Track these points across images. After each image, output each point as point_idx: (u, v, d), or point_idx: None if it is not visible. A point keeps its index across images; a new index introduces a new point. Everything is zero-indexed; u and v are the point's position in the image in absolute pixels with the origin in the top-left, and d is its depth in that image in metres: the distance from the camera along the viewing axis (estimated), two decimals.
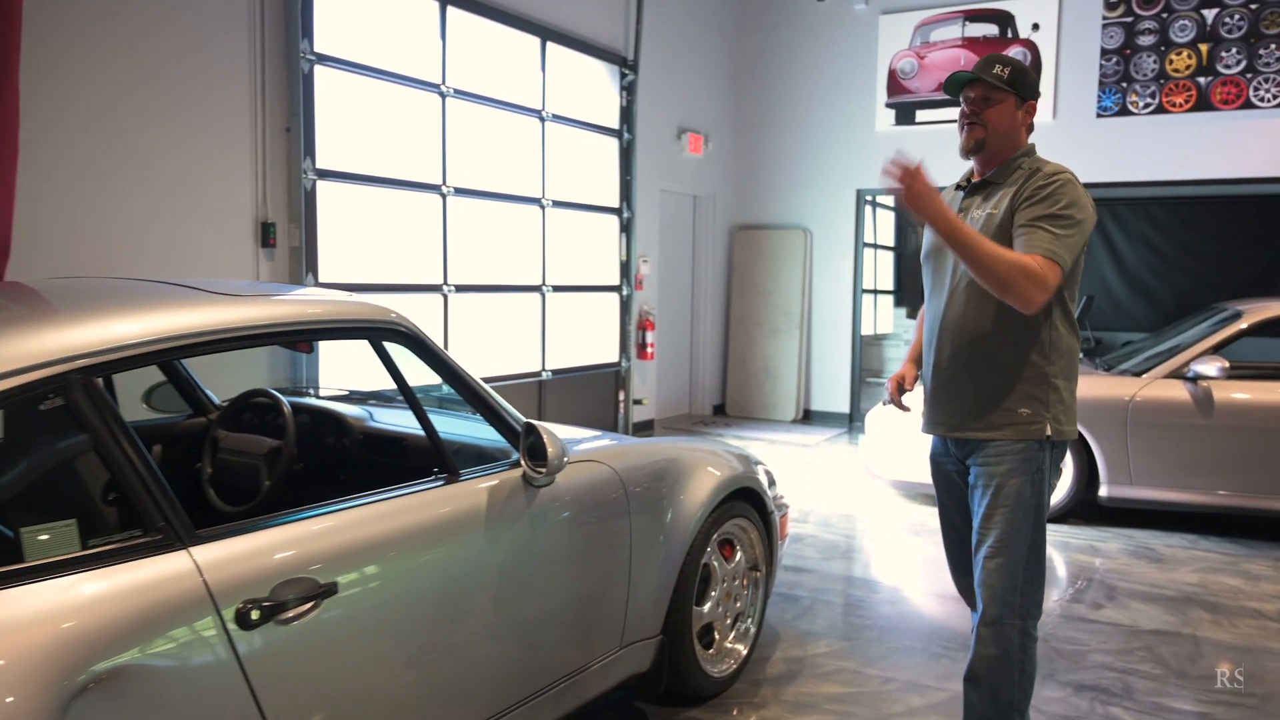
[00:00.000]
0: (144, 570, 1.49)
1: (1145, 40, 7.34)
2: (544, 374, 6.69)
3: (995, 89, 2.31)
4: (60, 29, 3.98)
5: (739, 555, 3.06)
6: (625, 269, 7.53)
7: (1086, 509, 5.39)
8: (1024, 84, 2.34)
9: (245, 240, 4.74)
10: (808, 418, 8.84)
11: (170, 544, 1.54)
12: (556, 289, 6.81)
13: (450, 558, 1.97)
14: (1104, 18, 7.46)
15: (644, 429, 7.96)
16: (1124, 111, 7.44)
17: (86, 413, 1.52)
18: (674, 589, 2.66)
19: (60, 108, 3.99)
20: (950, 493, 2.54)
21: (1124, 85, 7.42)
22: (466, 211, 6.00)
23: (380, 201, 5.40)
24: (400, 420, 2.76)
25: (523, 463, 2.16)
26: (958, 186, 2.48)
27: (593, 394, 7.32)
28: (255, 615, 1.57)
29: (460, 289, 5.96)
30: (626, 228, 7.51)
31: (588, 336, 7.21)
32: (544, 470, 2.11)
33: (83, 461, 1.61)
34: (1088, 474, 5.19)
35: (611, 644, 2.48)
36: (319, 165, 5.00)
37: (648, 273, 7.88)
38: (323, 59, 5.00)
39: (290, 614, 1.62)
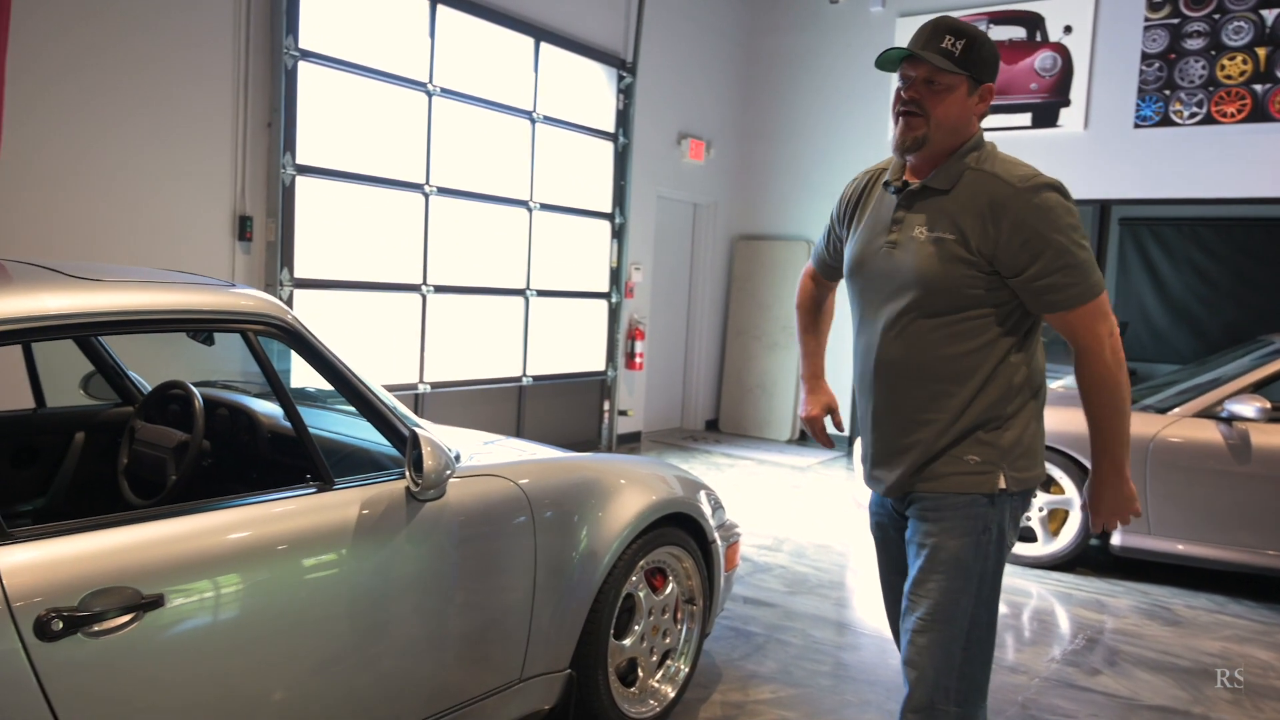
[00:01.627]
0: None
1: (1193, 44, 6.67)
2: (524, 379, 6.59)
3: (943, 72, 1.84)
4: (46, 19, 3.94)
5: (671, 586, 2.88)
6: (615, 276, 7.42)
7: (1096, 557, 5.00)
8: (981, 62, 1.85)
9: (223, 233, 4.68)
10: (804, 438, 8.65)
11: None
12: (541, 293, 6.71)
13: (310, 574, 1.84)
14: (1146, 19, 6.86)
15: (630, 441, 7.83)
16: (1166, 121, 6.80)
17: None
18: (587, 620, 2.50)
19: (43, 96, 3.96)
20: (888, 550, 2.18)
21: (1166, 93, 6.78)
22: (450, 212, 5.91)
23: (361, 199, 5.33)
24: (313, 421, 2.66)
25: (408, 474, 2.04)
26: (886, 184, 2.01)
27: (576, 402, 7.20)
28: (58, 626, 1.46)
29: (440, 290, 5.87)
30: (618, 234, 7.40)
31: (573, 344, 7.10)
32: (420, 483, 1.99)
33: None
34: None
35: (510, 675, 2.34)
36: (299, 160, 4.94)
37: (640, 280, 7.75)
38: (307, 55, 4.94)
39: (101, 626, 1.51)
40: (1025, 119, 7.47)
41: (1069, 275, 1.81)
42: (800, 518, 5.81)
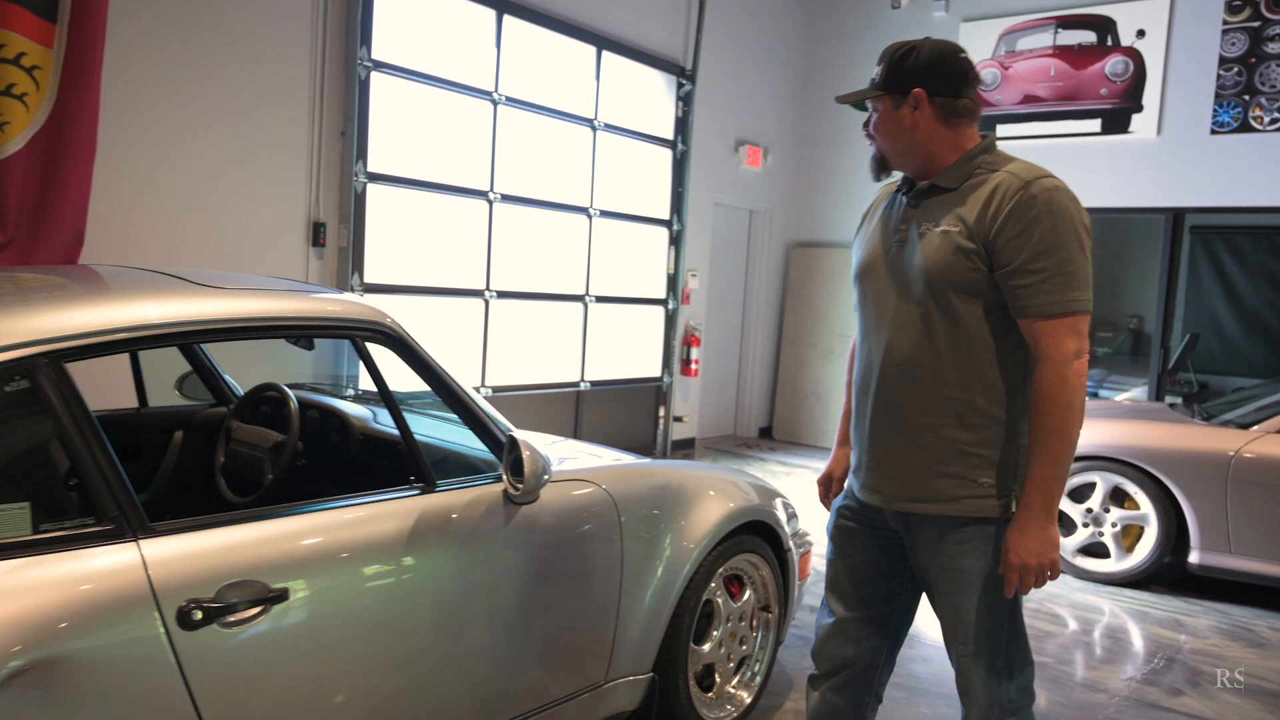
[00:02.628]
0: (89, 560, 1.47)
1: (1274, 48, 6.47)
2: (582, 385, 6.66)
3: (870, 100, 1.93)
4: (141, 26, 4.11)
5: (748, 594, 2.91)
6: (672, 282, 7.46)
7: (1172, 575, 4.85)
8: (902, 74, 1.87)
9: (297, 238, 4.82)
10: None
11: (120, 535, 1.52)
12: (600, 299, 6.78)
13: (414, 572, 1.91)
14: (1225, 22, 6.66)
15: (685, 447, 7.86)
16: (1245, 127, 6.60)
17: (50, 397, 1.52)
18: (669, 624, 2.53)
19: (134, 106, 4.14)
20: (850, 557, 2.06)
21: (1246, 98, 6.57)
22: (513, 218, 6.01)
23: (428, 206, 5.44)
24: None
25: (505, 477, 2.10)
26: (898, 189, 2.02)
27: (632, 408, 7.25)
28: (198, 616, 1.53)
29: (502, 295, 5.96)
30: (676, 240, 7.44)
31: (630, 349, 7.16)
32: (521, 486, 2.05)
33: (54, 447, 1.61)
34: (1175, 536, 4.58)
35: (596, 677, 2.39)
36: (370, 168, 5.06)
37: (696, 287, 7.79)
38: (379, 65, 5.06)
39: (235, 618, 1.58)
40: (1095, 125, 7.32)
41: (1054, 281, 1.74)
42: None
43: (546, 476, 2.10)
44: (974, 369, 1.84)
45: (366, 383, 2.97)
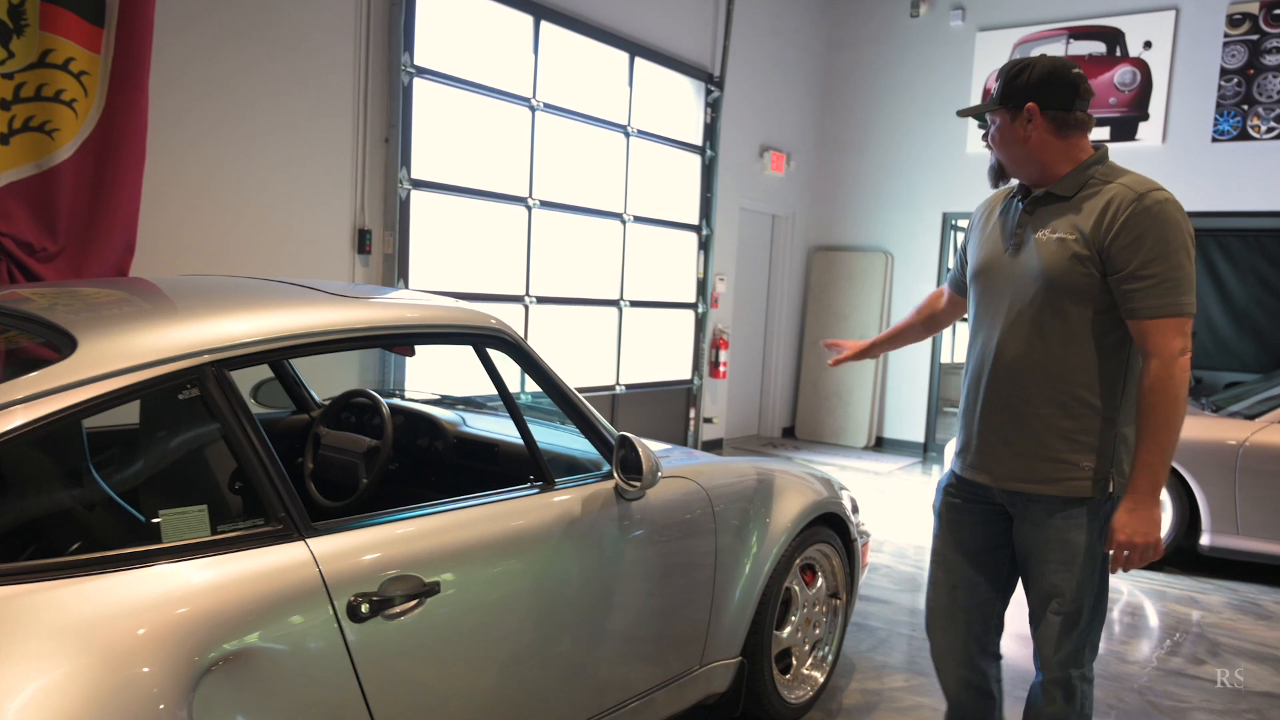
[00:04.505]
0: (266, 558, 1.55)
1: (1272, 60, 6.87)
2: (618, 388, 6.74)
3: (990, 111, 2.10)
4: (193, 39, 4.18)
5: (820, 581, 3.03)
6: (702, 286, 7.55)
7: (1184, 557, 5.14)
8: (1015, 90, 2.03)
9: (343, 246, 4.89)
10: (880, 445, 8.71)
11: (290, 534, 1.60)
12: (634, 304, 6.86)
13: (543, 565, 1.99)
14: (1226, 35, 7.02)
15: (712, 447, 7.94)
16: (1244, 136, 7.01)
17: (219, 404, 1.59)
18: (755, 612, 2.65)
19: (185, 118, 4.20)
20: (959, 531, 2.25)
21: (1245, 108, 6.99)
22: (550, 224, 6.09)
23: (469, 212, 5.52)
24: (492, 426, 2.82)
25: (615, 475, 2.18)
26: (1013, 195, 2.18)
27: (664, 410, 7.34)
28: (365, 609, 1.61)
29: (541, 300, 6.05)
30: (705, 245, 7.53)
31: (662, 352, 7.24)
32: (638, 484, 2.13)
33: (212, 451, 1.68)
34: (1188, 519, 4.93)
35: (691, 663, 2.48)
36: (414, 175, 5.14)
37: (724, 291, 7.88)
38: (421, 72, 5.14)
39: (397, 609, 1.66)
40: (1104, 133, 7.56)
41: (1165, 286, 1.89)
42: (892, 520, 5.92)
43: (660, 474, 2.18)
44: (1080, 365, 2.01)
45: (443, 389, 3.04)
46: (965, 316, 2.34)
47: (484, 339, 2.07)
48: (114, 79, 3.70)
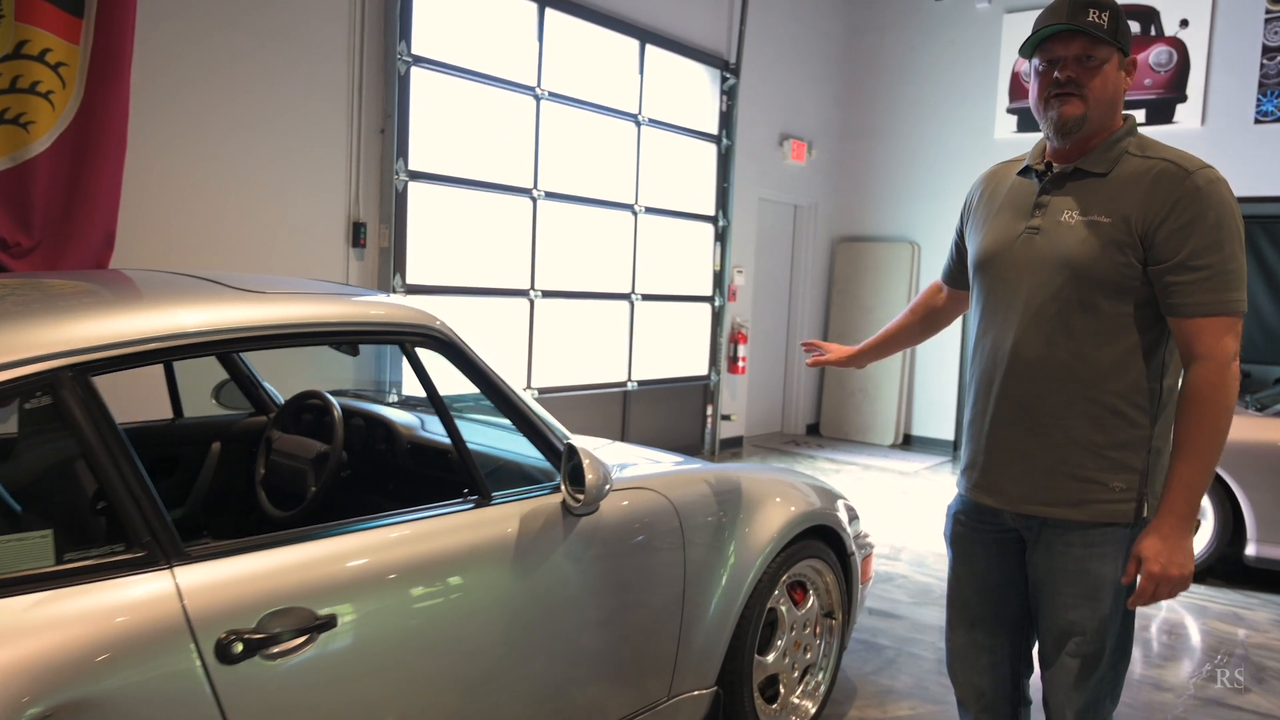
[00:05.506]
0: (119, 591, 1.35)
1: None
2: (629, 384, 6.52)
3: (1099, 43, 1.69)
4: (177, 26, 4.04)
5: (811, 600, 2.78)
6: (719, 279, 7.30)
7: (1229, 568, 4.74)
8: (1126, 33, 1.74)
9: (337, 239, 4.74)
10: (908, 443, 8.39)
11: (153, 562, 1.40)
12: (646, 297, 6.64)
13: (471, 591, 1.78)
14: (1267, 11, 6.68)
15: (732, 446, 7.70)
16: None
17: (75, 413, 1.40)
18: (733, 635, 2.41)
19: (172, 107, 4.07)
20: (972, 564, 1.96)
21: None
22: (557, 216, 5.89)
23: (470, 204, 5.34)
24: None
25: (563, 488, 1.97)
26: (1027, 170, 1.87)
27: (679, 407, 7.11)
28: (238, 648, 1.41)
29: (547, 294, 5.85)
30: (721, 236, 7.27)
31: (676, 348, 7.01)
32: (581, 498, 1.91)
33: (79, 467, 1.49)
34: (1232, 527, 4.56)
35: (658, 695, 2.25)
36: (411, 166, 4.97)
37: (742, 284, 7.62)
38: (419, 60, 4.97)
39: (279, 649, 1.46)
40: (1140, 115, 7.19)
41: (1218, 280, 1.63)
42: (914, 525, 5.62)
43: (608, 486, 1.97)
44: (1112, 368, 1.72)
45: (411, 388, 2.85)
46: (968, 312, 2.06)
47: (411, 337, 1.86)
48: (93, 70, 3.60)
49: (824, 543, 2.77)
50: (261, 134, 4.39)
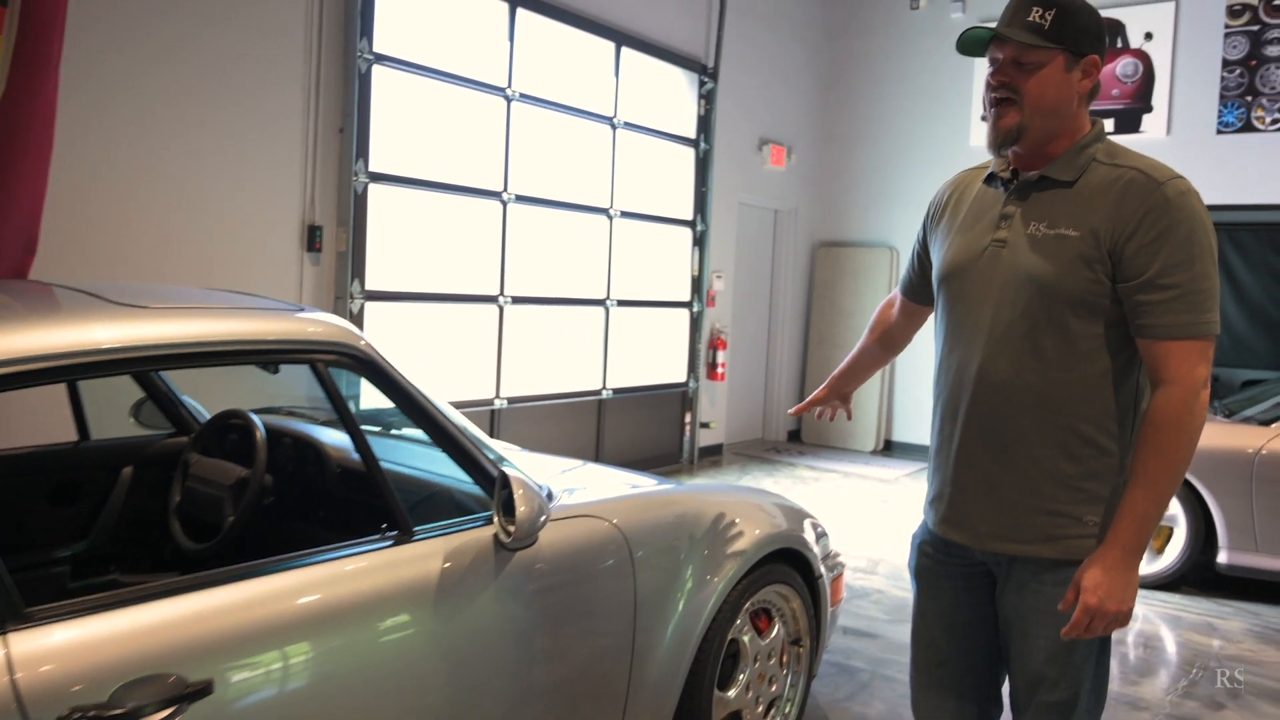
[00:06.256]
0: None
1: (1274, 50, 6.70)
2: (604, 392, 6.36)
3: (1031, 48, 1.56)
4: (108, 26, 3.85)
5: (777, 628, 2.62)
6: (697, 284, 7.15)
7: (1202, 576, 4.69)
8: (1078, 31, 1.57)
9: (290, 243, 4.56)
10: (889, 449, 8.28)
11: None
12: (622, 303, 6.48)
13: (385, 639, 1.61)
14: (1226, 26, 6.82)
15: (712, 454, 7.55)
16: (1248, 127, 6.81)
17: None
18: (690, 670, 2.25)
19: (108, 104, 3.87)
20: (939, 599, 1.81)
21: (1248, 99, 6.79)
22: (528, 220, 5.72)
23: (436, 207, 5.17)
24: (389, 453, 2.45)
25: (496, 520, 1.80)
26: (992, 177, 1.72)
27: (657, 415, 6.94)
28: None
29: (518, 300, 5.68)
30: (700, 241, 7.13)
31: (654, 354, 6.85)
32: (512, 532, 1.75)
33: None
34: (1204, 535, 4.51)
35: None
36: (372, 168, 4.80)
37: (721, 289, 7.47)
38: (381, 59, 4.80)
39: None
40: (1108, 125, 7.14)
41: (1189, 299, 1.51)
42: (893, 535, 5.49)
43: (543, 518, 1.80)
44: (1084, 393, 1.60)
45: (358, 404, 2.67)
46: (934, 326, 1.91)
47: (323, 356, 1.69)
48: (16, 62, 3.38)
49: (790, 566, 2.62)
50: (209, 132, 4.20)
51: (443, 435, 1.85)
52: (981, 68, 7.58)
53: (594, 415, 6.37)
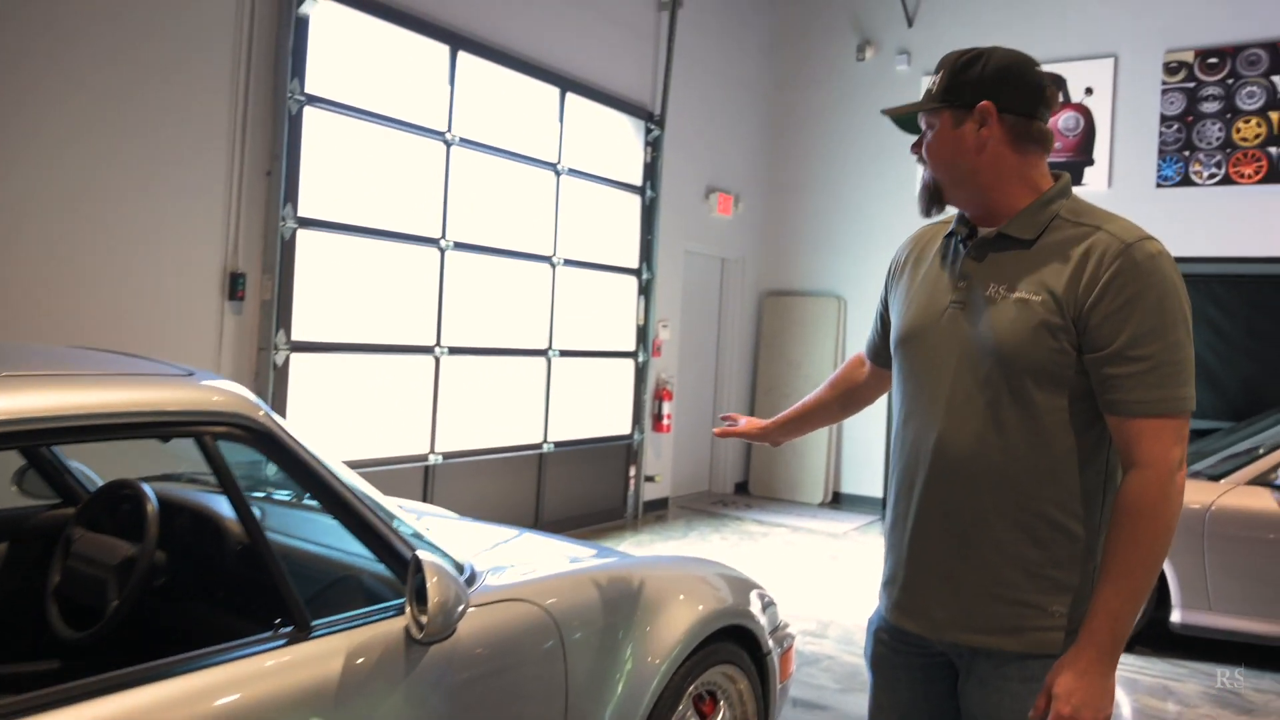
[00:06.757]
0: None
1: (1209, 107, 6.83)
2: (545, 446, 6.15)
3: (928, 113, 1.57)
4: (13, 50, 3.61)
5: (723, 712, 2.44)
6: (642, 334, 7.01)
7: (1156, 634, 4.59)
8: (964, 85, 1.51)
9: (210, 291, 4.30)
10: (837, 501, 8.17)
11: None
12: (564, 353, 6.30)
13: None
14: (1164, 82, 6.97)
15: (657, 508, 7.36)
16: (1186, 181, 6.92)
17: None
18: None
19: (6, 140, 3.62)
20: (896, 693, 1.67)
21: (1186, 154, 6.91)
22: (467, 268, 5.55)
23: (370, 254, 4.96)
24: (300, 527, 2.23)
25: (408, 610, 1.60)
26: (950, 236, 1.63)
27: (600, 469, 6.74)
28: None
29: (455, 351, 5.47)
30: (645, 290, 7.01)
31: (597, 406, 6.67)
32: (424, 624, 1.55)
33: None
34: (1157, 593, 4.42)
35: None
36: (301, 212, 4.59)
37: (667, 338, 7.35)
38: (314, 100, 4.62)
39: None
40: None
41: (1162, 372, 1.40)
42: (843, 595, 5.34)
43: (461, 608, 1.61)
44: (1049, 472, 1.47)
45: (261, 471, 2.44)
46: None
47: (211, 428, 1.49)
48: None
49: (737, 644, 2.45)
50: (121, 172, 3.95)
51: (349, 514, 1.65)
52: None
53: (534, 470, 6.15)
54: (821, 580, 5.66)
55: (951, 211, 1.64)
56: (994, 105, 1.49)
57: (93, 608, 1.93)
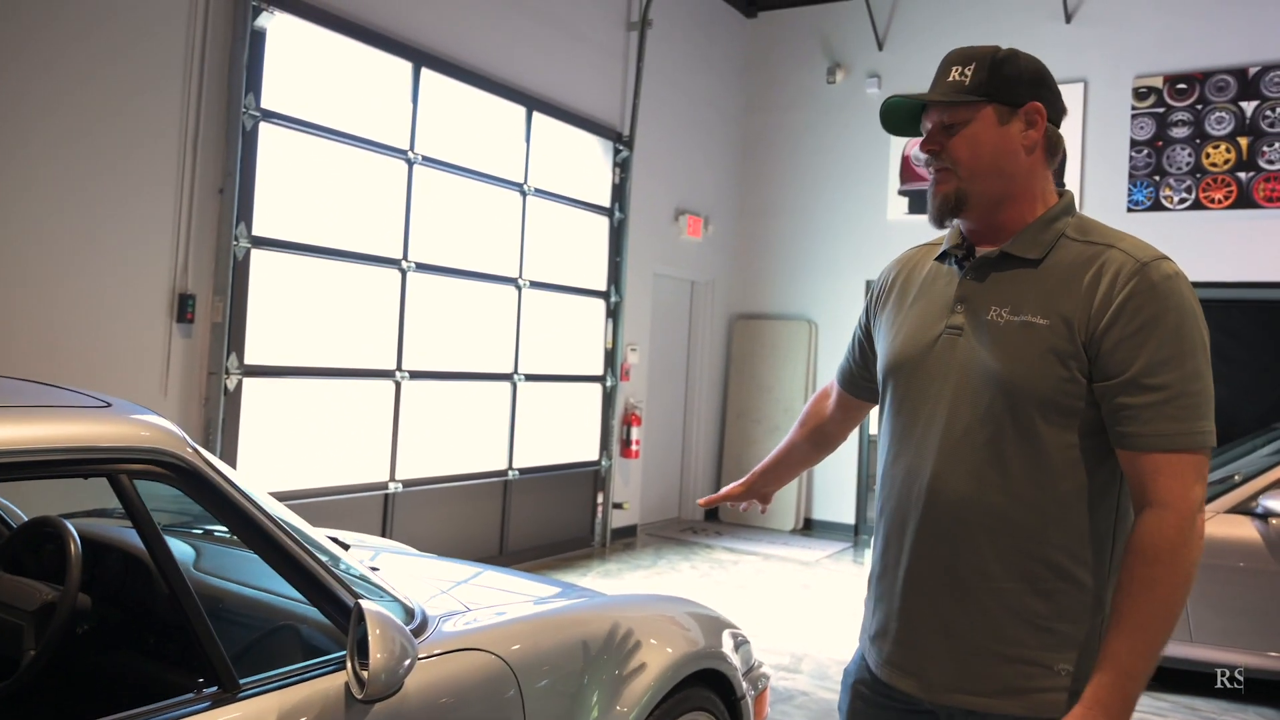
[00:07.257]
0: None
1: (1179, 132, 6.85)
2: (510, 473, 5.98)
3: (957, 106, 1.39)
4: None
5: None
6: (610, 357, 6.88)
7: None
8: (1006, 80, 1.38)
9: (158, 313, 4.11)
10: (809, 527, 8.06)
11: None
12: (530, 378, 6.15)
13: None
14: (1133, 108, 6.99)
15: (625, 536, 7.19)
16: (1157, 206, 6.91)
17: None
18: None
19: None
20: None
21: (1156, 179, 6.91)
22: (430, 290, 5.39)
23: (328, 275, 4.79)
24: (240, 570, 2.06)
25: (349, 665, 1.45)
26: (945, 255, 1.49)
27: (567, 496, 6.58)
28: None
29: (416, 375, 5.30)
30: (614, 313, 6.89)
31: (564, 431, 6.51)
32: (365, 681, 1.39)
33: None
34: None
35: None
36: (255, 232, 4.41)
37: (636, 362, 7.22)
38: (270, 115, 4.46)
39: None
40: None
41: (1180, 404, 1.27)
42: (816, 626, 5.20)
43: (408, 662, 1.46)
44: (1055, 514, 1.32)
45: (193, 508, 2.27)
46: (876, 423, 1.65)
47: (129, 467, 1.33)
48: None
49: (709, 688, 2.32)
50: (62, 187, 3.77)
51: (285, 559, 1.49)
52: (898, 145, 7.74)
53: (499, 497, 5.97)
54: (794, 610, 5.53)
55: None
56: (1044, 109, 1.39)
57: (10, 659, 1.76)
